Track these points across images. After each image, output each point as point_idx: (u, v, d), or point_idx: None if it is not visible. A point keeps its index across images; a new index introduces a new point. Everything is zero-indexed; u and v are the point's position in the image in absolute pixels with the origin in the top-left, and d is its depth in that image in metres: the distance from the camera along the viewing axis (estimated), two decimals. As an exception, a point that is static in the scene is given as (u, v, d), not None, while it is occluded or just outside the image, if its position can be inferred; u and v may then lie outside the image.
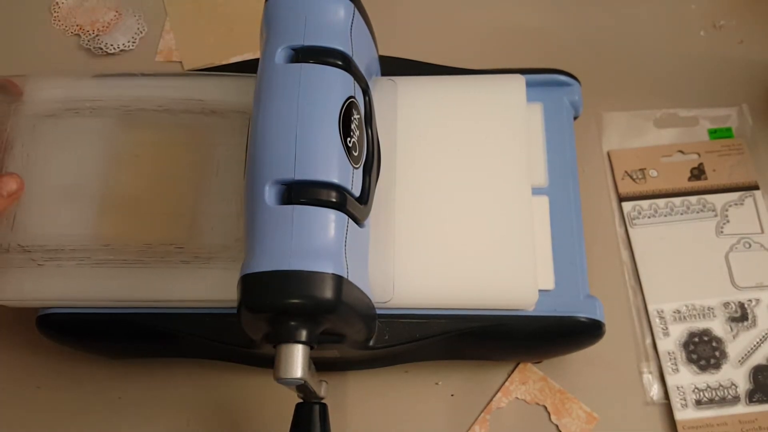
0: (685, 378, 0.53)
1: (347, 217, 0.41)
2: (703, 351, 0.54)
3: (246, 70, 0.52)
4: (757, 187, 0.59)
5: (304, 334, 0.39)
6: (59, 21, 0.68)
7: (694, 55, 0.64)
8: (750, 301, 0.55)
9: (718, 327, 0.55)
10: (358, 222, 0.43)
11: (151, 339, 0.50)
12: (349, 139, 0.42)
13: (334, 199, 0.40)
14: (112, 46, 0.66)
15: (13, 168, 0.50)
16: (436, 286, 0.47)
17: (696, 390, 0.53)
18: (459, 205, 0.49)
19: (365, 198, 0.44)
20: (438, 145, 0.50)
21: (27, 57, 0.67)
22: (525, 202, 0.49)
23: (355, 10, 0.45)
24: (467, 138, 0.51)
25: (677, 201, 0.58)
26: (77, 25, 0.67)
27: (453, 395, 0.54)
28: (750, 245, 0.57)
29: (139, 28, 0.67)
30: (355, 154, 0.42)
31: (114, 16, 0.67)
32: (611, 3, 0.67)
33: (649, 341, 0.55)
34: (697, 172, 0.59)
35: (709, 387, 0.53)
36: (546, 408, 0.53)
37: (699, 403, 0.53)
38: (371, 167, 0.45)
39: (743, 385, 0.53)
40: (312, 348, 0.40)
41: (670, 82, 0.63)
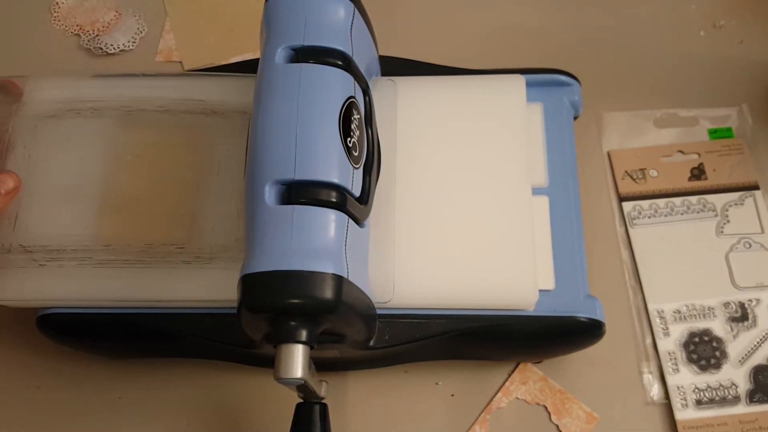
0: (685, 378, 0.53)
1: (347, 217, 0.41)
2: (704, 351, 0.54)
3: (246, 70, 0.52)
4: (757, 187, 0.59)
5: (304, 334, 0.39)
6: (59, 21, 0.68)
7: (694, 55, 0.64)
8: (750, 301, 0.55)
9: (719, 327, 0.55)
10: (358, 222, 0.43)
11: (152, 339, 0.50)
12: (349, 139, 0.42)
13: (334, 199, 0.40)
14: (112, 46, 0.66)
15: (14, 168, 0.50)
16: (437, 286, 0.47)
17: (696, 390, 0.53)
18: (459, 205, 0.49)
19: (365, 198, 0.44)
20: (438, 145, 0.50)
21: (27, 57, 0.67)
22: (525, 202, 0.49)
23: (355, 10, 0.45)
24: (467, 138, 0.51)
25: (677, 201, 0.58)
26: (77, 25, 0.67)
27: (453, 395, 0.54)
28: (750, 245, 0.57)
29: (139, 28, 0.67)
30: (355, 154, 0.42)
31: (114, 16, 0.67)
32: (611, 3, 0.67)
33: (649, 341, 0.55)
34: (698, 172, 0.59)
35: (709, 387, 0.53)
36: (546, 408, 0.53)
37: (699, 403, 0.53)
38: (371, 167, 0.45)
39: (743, 385, 0.53)
40: (312, 348, 0.40)
41: (670, 82, 0.63)
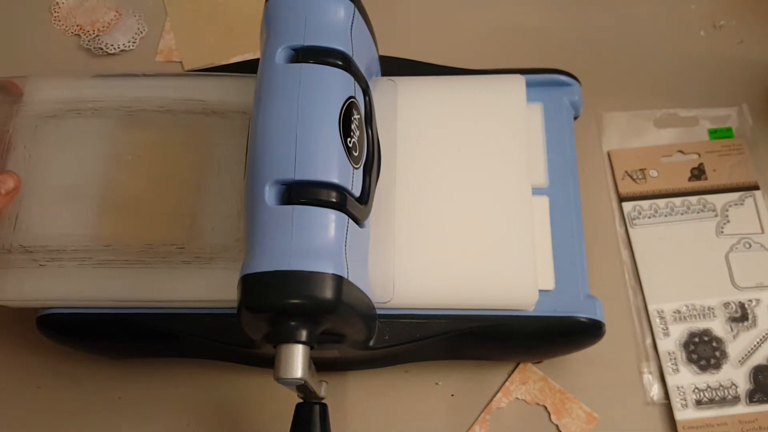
0: (685, 378, 0.53)
1: (347, 217, 0.41)
2: (704, 351, 0.54)
3: (246, 70, 0.52)
4: (757, 187, 0.59)
5: (304, 334, 0.39)
6: (59, 21, 0.68)
7: (694, 55, 0.64)
8: (750, 301, 0.55)
9: (719, 327, 0.55)
10: (358, 222, 0.43)
11: (152, 339, 0.50)
12: (349, 139, 0.42)
13: (334, 199, 0.40)
14: (112, 46, 0.66)
15: (15, 168, 0.50)
16: (437, 286, 0.47)
17: (696, 390, 0.53)
18: (459, 205, 0.49)
19: (365, 198, 0.44)
20: (438, 145, 0.50)
21: (27, 57, 0.67)
22: (525, 202, 0.49)
23: (355, 10, 0.45)
24: (467, 138, 0.51)
25: (677, 201, 0.58)
26: (77, 25, 0.67)
27: (453, 395, 0.54)
28: (750, 245, 0.57)
29: (139, 28, 0.67)
30: (355, 154, 0.42)
31: (114, 16, 0.67)
32: (611, 3, 0.67)
33: (649, 341, 0.55)
34: (697, 172, 0.59)
35: (709, 387, 0.53)
36: (546, 408, 0.53)
37: (699, 403, 0.53)
38: (371, 167, 0.45)
39: (743, 385, 0.53)
40: (312, 348, 0.40)
41: (670, 82, 0.63)
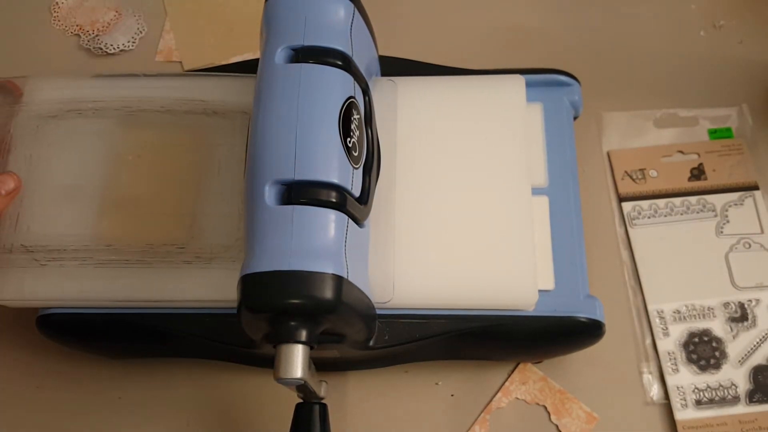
0: (685, 378, 0.53)
1: (347, 217, 0.41)
2: (703, 351, 0.54)
3: (246, 70, 0.52)
4: (757, 187, 0.59)
5: (304, 334, 0.39)
6: (59, 21, 0.68)
7: (694, 55, 0.64)
8: (750, 301, 0.55)
9: (718, 327, 0.55)
10: (358, 222, 0.43)
11: (152, 339, 0.50)
12: (349, 139, 0.42)
13: (334, 199, 0.40)
14: (112, 46, 0.66)
15: (16, 168, 0.50)
16: (437, 287, 0.47)
17: (696, 390, 0.53)
18: (459, 206, 0.49)
19: (365, 198, 0.44)
20: (438, 146, 0.50)
21: (27, 57, 0.67)
22: (525, 202, 0.49)
23: (355, 10, 0.45)
24: (467, 138, 0.51)
25: (677, 201, 0.58)
26: (77, 25, 0.67)
27: (453, 395, 0.54)
28: (750, 245, 0.57)
29: (139, 28, 0.67)
30: (355, 155, 0.42)
31: (114, 16, 0.67)
32: (611, 3, 0.67)
33: (649, 341, 0.55)
34: (697, 172, 0.59)
35: (709, 387, 0.53)
36: (546, 408, 0.53)
37: (699, 403, 0.53)
38: (371, 167, 0.45)
39: (743, 385, 0.53)
40: (312, 348, 0.40)
41: (670, 82, 0.63)
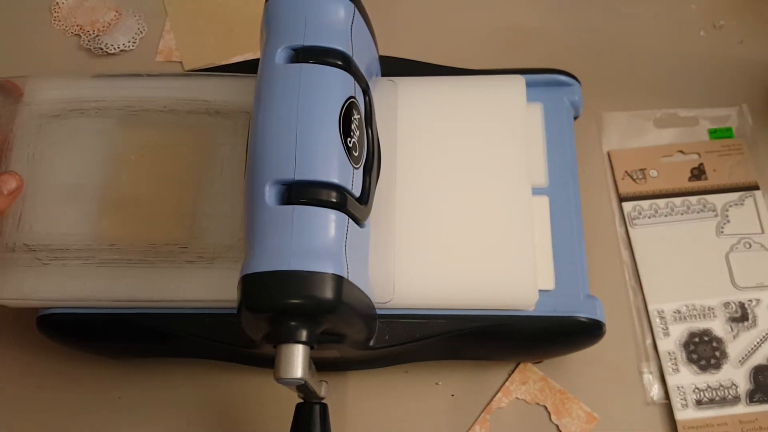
0: (685, 378, 0.53)
1: (347, 217, 0.41)
2: (704, 351, 0.54)
3: (246, 70, 0.52)
4: (757, 187, 0.59)
5: (304, 334, 0.39)
6: (59, 21, 0.68)
7: (694, 55, 0.64)
8: (750, 301, 0.55)
9: (719, 327, 0.55)
10: (359, 222, 0.43)
11: (152, 339, 0.50)
12: (349, 139, 0.42)
13: (334, 199, 0.40)
14: (112, 46, 0.66)
15: (18, 168, 0.49)
16: (437, 287, 0.47)
17: (696, 390, 0.53)
18: (459, 206, 0.49)
19: (365, 198, 0.44)
20: (438, 146, 0.50)
21: (27, 57, 0.67)
22: (525, 202, 0.49)
23: (355, 10, 0.45)
24: (467, 138, 0.51)
25: (677, 201, 0.58)
26: (77, 25, 0.67)
27: (453, 395, 0.54)
28: (750, 245, 0.57)
29: (139, 28, 0.67)
30: (356, 155, 0.42)
31: (114, 16, 0.67)
32: (611, 3, 0.67)
33: (649, 341, 0.55)
34: (698, 172, 0.59)
35: (709, 387, 0.53)
36: (546, 408, 0.53)
37: (699, 403, 0.52)
38: (371, 167, 0.45)
39: (743, 385, 0.53)
40: (312, 348, 0.40)
41: (670, 82, 0.63)
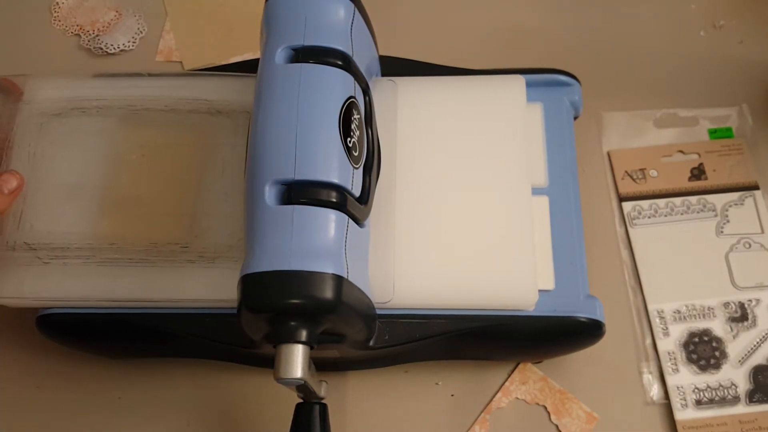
0: (685, 378, 0.53)
1: (347, 217, 0.41)
2: (703, 351, 0.54)
3: (246, 70, 0.52)
4: (757, 187, 0.59)
5: (304, 334, 0.39)
6: (59, 21, 0.68)
7: (694, 55, 0.64)
8: (750, 301, 0.55)
9: (718, 327, 0.55)
10: (358, 222, 0.43)
11: (152, 339, 0.50)
12: (349, 139, 0.42)
13: (334, 199, 0.40)
14: (112, 46, 0.66)
15: (19, 166, 0.49)
16: (437, 287, 0.47)
17: (696, 390, 0.53)
18: (459, 206, 0.49)
19: (365, 198, 0.44)
20: (438, 146, 0.50)
21: (27, 57, 0.67)
22: (525, 202, 0.49)
23: (355, 10, 0.45)
24: (467, 138, 0.51)
25: (677, 201, 0.58)
26: (77, 25, 0.67)
27: (453, 395, 0.54)
28: (750, 245, 0.57)
29: (139, 28, 0.67)
30: (355, 154, 0.42)
31: (114, 16, 0.67)
32: (611, 3, 0.67)
33: (649, 341, 0.55)
34: (697, 172, 0.59)
35: (709, 387, 0.53)
36: (546, 408, 0.53)
37: (699, 403, 0.52)
38: (371, 167, 0.45)
39: (743, 385, 0.53)
40: (312, 348, 0.40)
41: (670, 82, 0.63)
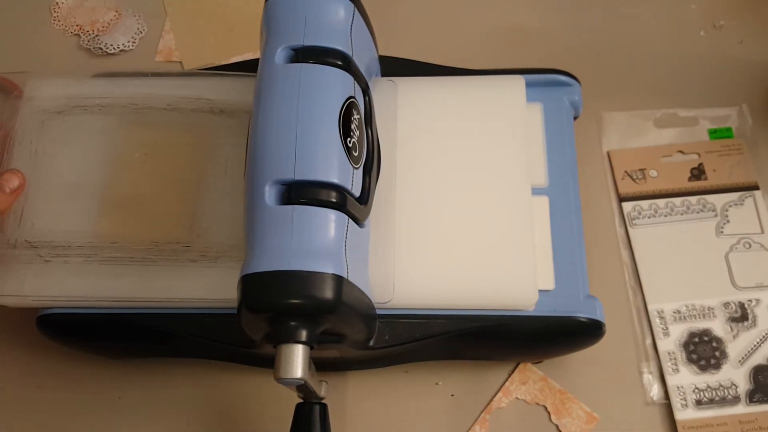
0: (685, 378, 0.53)
1: (347, 217, 0.41)
2: (704, 351, 0.54)
3: (246, 70, 0.52)
4: (757, 187, 0.59)
5: (304, 334, 0.39)
6: (59, 21, 0.68)
7: (694, 55, 0.64)
8: (750, 301, 0.55)
9: (718, 327, 0.55)
10: (358, 222, 0.43)
11: (152, 339, 0.50)
12: (349, 139, 0.42)
13: (334, 199, 0.40)
14: (112, 46, 0.66)
15: (21, 164, 0.49)
16: (437, 287, 0.47)
17: (696, 390, 0.53)
18: (459, 206, 0.49)
19: (365, 198, 0.44)
20: (438, 146, 0.50)
21: (27, 57, 0.67)
22: (525, 202, 0.49)
23: (355, 10, 0.45)
24: (467, 138, 0.51)
25: (677, 201, 0.58)
26: (77, 25, 0.67)
27: (453, 395, 0.54)
28: (750, 245, 0.57)
29: (139, 28, 0.67)
30: (355, 154, 0.42)
31: (114, 16, 0.67)
32: (611, 3, 0.67)
33: (649, 341, 0.55)
34: (697, 172, 0.59)
35: (709, 387, 0.53)
36: (546, 408, 0.53)
37: (699, 403, 0.52)
38: (371, 167, 0.45)
39: (743, 385, 0.53)
40: (312, 348, 0.40)
41: (670, 82, 0.63)
